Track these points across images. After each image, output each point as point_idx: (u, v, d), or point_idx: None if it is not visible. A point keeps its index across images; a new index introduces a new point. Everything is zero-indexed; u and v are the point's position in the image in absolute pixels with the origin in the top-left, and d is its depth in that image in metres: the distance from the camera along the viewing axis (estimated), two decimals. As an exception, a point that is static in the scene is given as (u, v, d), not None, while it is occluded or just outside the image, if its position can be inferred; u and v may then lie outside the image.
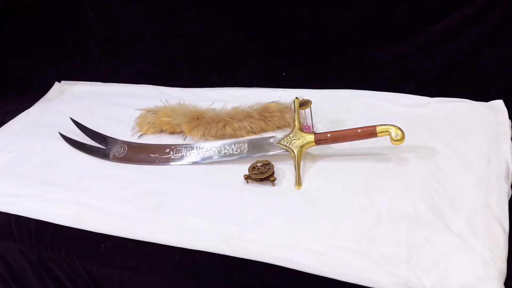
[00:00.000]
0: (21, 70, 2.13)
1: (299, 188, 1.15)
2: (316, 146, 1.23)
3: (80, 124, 1.58)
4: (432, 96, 1.37)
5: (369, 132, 1.14)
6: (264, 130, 1.38)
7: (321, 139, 1.20)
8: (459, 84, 1.36)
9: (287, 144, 1.22)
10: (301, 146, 1.20)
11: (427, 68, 1.40)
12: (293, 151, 1.20)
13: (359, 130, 1.15)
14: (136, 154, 1.41)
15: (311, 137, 1.20)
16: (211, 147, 1.33)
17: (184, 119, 1.43)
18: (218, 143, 1.33)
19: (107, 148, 1.46)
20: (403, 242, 0.94)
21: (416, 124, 1.25)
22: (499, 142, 1.16)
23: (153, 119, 1.49)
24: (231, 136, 1.37)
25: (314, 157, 1.25)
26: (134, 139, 1.49)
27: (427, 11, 1.36)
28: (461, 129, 1.22)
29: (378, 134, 1.13)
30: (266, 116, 1.38)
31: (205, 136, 1.40)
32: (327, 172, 1.19)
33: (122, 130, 1.52)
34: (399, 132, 1.10)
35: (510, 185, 1.04)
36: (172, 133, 1.48)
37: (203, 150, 1.33)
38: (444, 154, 1.15)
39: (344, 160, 1.22)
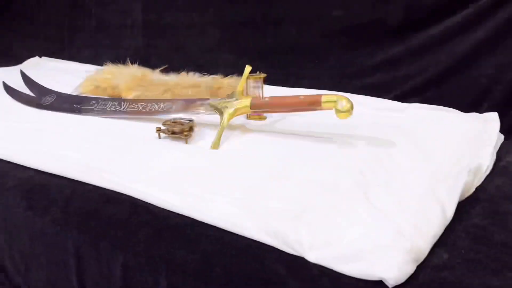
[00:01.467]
0: (9, 43, 2.07)
1: (213, 148, 0.91)
2: (259, 122, 1.05)
3: (25, 75, 1.44)
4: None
5: (313, 101, 0.92)
6: (208, 103, 1.16)
7: (257, 103, 0.98)
8: (448, 95, 1.12)
9: (218, 105, 1.00)
10: (233, 109, 0.98)
11: (414, 75, 1.18)
12: (222, 113, 0.98)
13: (301, 97, 0.93)
14: (61, 103, 1.23)
15: (247, 101, 0.98)
16: (138, 103, 1.13)
17: (125, 78, 1.25)
18: (146, 100, 1.12)
19: (37, 97, 1.29)
20: (300, 202, 0.68)
21: (384, 124, 1.01)
22: (479, 149, 0.89)
23: (96, 77, 1.31)
24: (169, 103, 1.17)
25: (248, 131, 1.02)
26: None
27: (423, 12, 1.17)
28: (435, 133, 0.98)
29: (323, 104, 0.90)
30: (214, 88, 1.18)
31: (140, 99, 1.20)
32: (254, 142, 0.95)
33: (67, 91, 1.36)
34: (348, 104, 0.87)
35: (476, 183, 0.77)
36: (112, 94, 1.30)
37: (128, 104, 1.13)
38: (403, 147, 0.90)
39: (281, 136, 0.98)
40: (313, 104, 0.92)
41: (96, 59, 1.84)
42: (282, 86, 1.36)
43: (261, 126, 1.06)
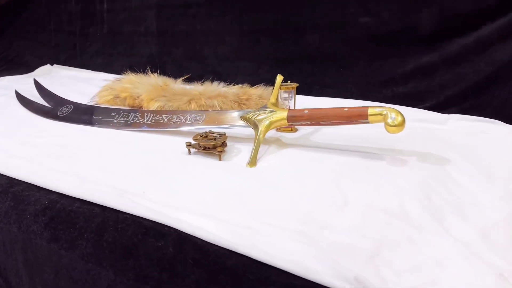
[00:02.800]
0: (20, 51, 1.92)
1: (251, 166, 0.78)
2: (293, 135, 0.93)
3: (39, 84, 1.29)
4: (453, 119, 1.01)
5: (358, 114, 0.79)
6: (236, 114, 1.03)
7: (295, 115, 0.85)
8: (488, 105, 1.00)
9: (252, 118, 0.87)
10: (268, 122, 0.85)
11: (450, 85, 1.05)
12: (256, 126, 0.85)
13: (346, 109, 0.80)
14: (79, 115, 1.09)
15: (283, 113, 0.85)
16: (162, 115, 0.99)
17: (146, 88, 1.11)
18: (171, 112, 0.99)
19: (53, 107, 1.15)
20: (370, 235, 0.55)
21: (428, 137, 0.88)
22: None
23: (115, 86, 1.17)
24: (195, 114, 1.03)
25: (284, 145, 0.89)
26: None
27: (458, 19, 1.05)
28: (487, 147, 0.85)
29: (370, 118, 0.77)
30: (241, 99, 1.04)
31: (164, 110, 1.06)
32: (294, 158, 0.82)
33: (83, 100, 1.21)
34: (399, 117, 0.74)
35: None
36: (132, 105, 1.16)
37: (152, 116, 0.99)
38: (459, 164, 0.78)
39: (322, 151, 0.85)
40: (359, 117, 0.79)
41: (108, 67, 1.70)
42: (305, 95, 1.24)
43: (295, 139, 0.93)
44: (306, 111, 0.84)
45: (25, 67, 1.81)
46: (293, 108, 0.97)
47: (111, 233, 0.59)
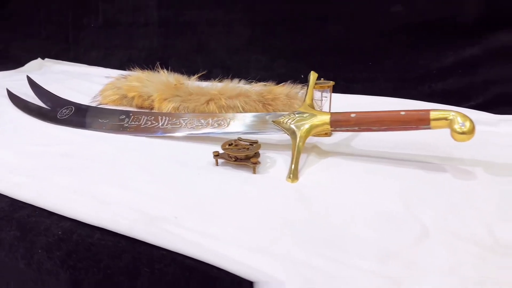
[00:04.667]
0: (6, 44, 1.78)
1: (292, 181, 0.67)
2: (329, 139, 0.83)
3: (32, 81, 1.16)
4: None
5: (418, 118, 0.69)
6: (261, 116, 0.92)
7: (341, 120, 0.74)
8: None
9: (288, 123, 0.76)
10: (308, 127, 0.74)
11: (497, 81, 0.95)
12: (293, 132, 0.74)
13: (403, 113, 0.70)
14: (82, 117, 0.97)
15: (325, 117, 0.74)
16: (180, 118, 0.88)
17: (157, 87, 0.99)
18: (190, 115, 0.88)
19: (51, 108, 1.03)
20: (469, 274, 0.45)
21: (482, 142, 0.78)
22: None
23: (121, 84, 1.05)
24: (214, 116, 0.92)
25: (325, 153, 0.78)
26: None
27: (506, 8, 0.95)
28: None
29: (432, 123, 0.67)
30: (266, 98, 0.93)
31: (177, 111, 0.95)
32: (341, 171, 0.71)
33: (83, 100, 1.09)
34: (468, 122, 0.64)
35: None
36: (141, 106, 1.04)
37: (167, 120, 0.88)
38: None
39: (371, 160, 0.74)
40: (419, 122, 0.69)
41: (105, 61, 1.58)
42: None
43: (335, 146, 0.82)
44: (353, 115, 0.74)
45: (13, 62, 1.68)
46: (328, 110, 0.87)
47: (147, 276, 0.49)
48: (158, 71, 1.06)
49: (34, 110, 1.05)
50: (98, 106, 1.03)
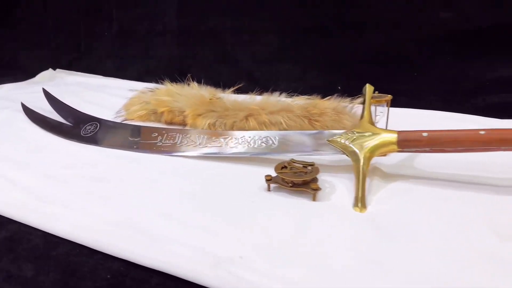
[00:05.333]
0: (14, 53, 1.71)
1: (361, 211, 0.60)
2: (387, 159, 0.74)
3: (50, 94, 1.09)
4: None
5: (501, 138, 0.62)
6: (307, 133, 0.84)
7: (411, 140, 0.67)
8: None
9: (347, 142, 0.69)
10: (372, 147, 0.67)
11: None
12: (355, 154, 0.67)
13: (482, 132, 0.62)
14: (110, 135, 0.89)
15: (391, 136, 0.67)
16: (220, 136, 0.81)
17: (190, 101, 0.92)
18: (230, 132, 0.80)
19: (74, 124, 0.95)
20: None
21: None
22: None
23: (148, 98, 0.98)
24: (255, 133, 0.85)
25: (390, 177, 0.71)
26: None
27: None
28: None
29: (517, 143, 0.60)
30: (312, 114, 0.86)
31: (214, 128, 0.88)
32: (413, 197, 0.64)
33: (104, 114, 1.01)
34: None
35: None
36: (171, 122, 0.97)
37: (205, 138, 0.81)
38: None
39: (444, 185, 0.67)
40: (501, 143, 0.63)
41: (121, 72, 1.51)
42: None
43: (397, 167, 0.75)
44: (425, 134, 0.66)
45: (22, 73, 1.60)
46: (384, 126, 0.79)
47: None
48: (188, 84, 0.99)
49: (54, 127, 0.97)
50: (125, 122, 0.95)
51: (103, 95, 1.26)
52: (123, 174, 0.74)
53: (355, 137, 0.70)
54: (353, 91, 0.88)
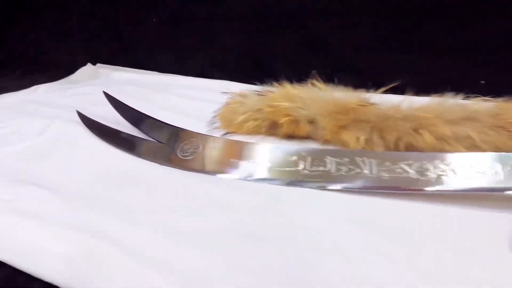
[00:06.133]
0: (40, 45, 1.45)
1: None
2: None
3: (118, 101, 0.84)
4: None
5: None
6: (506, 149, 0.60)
7: None
8: None
9: None
10: None
11: None
12: None
13: None
14: (223, 157, 0.64)
15: None
16: (399, 162, 0.56)
17: (324, 108, 0.67)
18: (414, 155, 0.56)
19: (167, 144, 0.71)
20: None
21: None
22: None
23: (258, 104, 0.73)
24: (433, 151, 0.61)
25: None
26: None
27: None
28: None
29: None
30: (509, 123, 0.61)
31: (371, 146, 0.64)
32: None
33: (189, 124, 0.75)
34: None
35: None
36: (292, 135, 0.73)
37: (376, 164, 0.56)
38: None
39: None
40: None
41: (179, 66, 1.26)
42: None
43: None
44: None
45: (54, 68, 1.36)
46: None
47: None
48: (312, 84, 0.74)
49: (138, 146, 0.73)
50: (243, 141, 0.70)
51: (171, 96, 1.01)
52: (275, 220, 0.50)
53: None
54: (501, 86, 0.64)
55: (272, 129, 0.74)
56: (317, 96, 0.71)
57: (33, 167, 0.67)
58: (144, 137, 0.76)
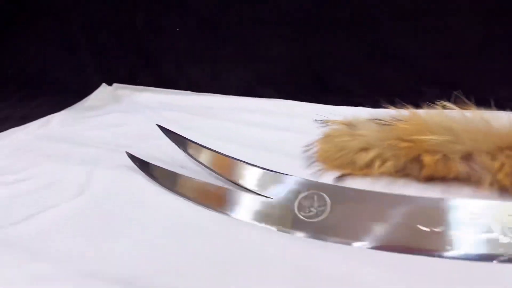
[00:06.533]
0: (45, 62, 1.23)
1: None
2: None
3: (178, 136, 0.65)
4: None
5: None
6: None
7: None
8: None
9: None
10: None
11: None
12: None
13: None
14: (364, 215, 0.46)
15: None
16: None
17: (490, 141, 0.50)
18: None
19: (259, 194, 0.52)
20: None
21: None
22: None
23: (383, 137, 0.55)
24: None
25: None
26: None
27: None
28: None
29: None
30: None
31: None
32: None
33: (277, 164, 0.57)
34: None
35: None
36: (431, 177, 0.54)
37: None
38: None
39: None
40: None
41: (217, 84, 1.06)
42: None
43: None
44: None
45: (60, 90, 1.14)
46: None
47: None
48: (443, 107, 0.57)
49: (235, 202, 0.53)
50: (390, 192, 0.52)
51: (224, 123, 0.82)
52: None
53: None
54: None
55: (406, 169, 0.56)
56: (470, 125, 0.53)
57: (91, 248, 0.47)
58: (231, 187, 0.56)
